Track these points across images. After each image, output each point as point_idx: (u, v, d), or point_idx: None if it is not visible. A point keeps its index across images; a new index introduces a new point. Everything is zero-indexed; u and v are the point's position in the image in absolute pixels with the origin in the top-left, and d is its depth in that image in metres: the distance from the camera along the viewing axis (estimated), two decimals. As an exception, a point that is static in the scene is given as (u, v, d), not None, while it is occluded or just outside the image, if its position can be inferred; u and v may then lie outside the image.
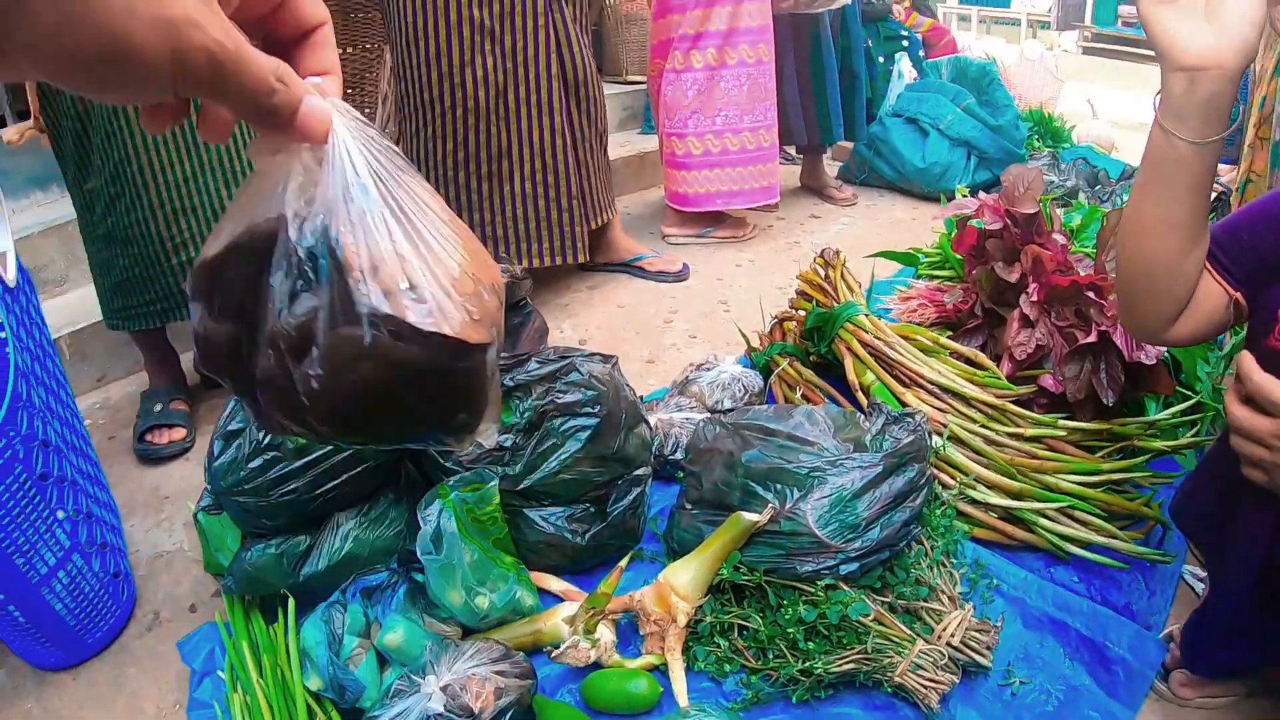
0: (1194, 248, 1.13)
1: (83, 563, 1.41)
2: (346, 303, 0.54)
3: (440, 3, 2.34)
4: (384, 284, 0.56)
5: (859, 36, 3.78)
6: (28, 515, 1.30)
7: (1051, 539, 1.50)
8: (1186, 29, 1.02)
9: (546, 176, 2.48)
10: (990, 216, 2.02)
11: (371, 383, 0.56)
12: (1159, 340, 1.21)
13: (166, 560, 1.71)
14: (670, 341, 2.34)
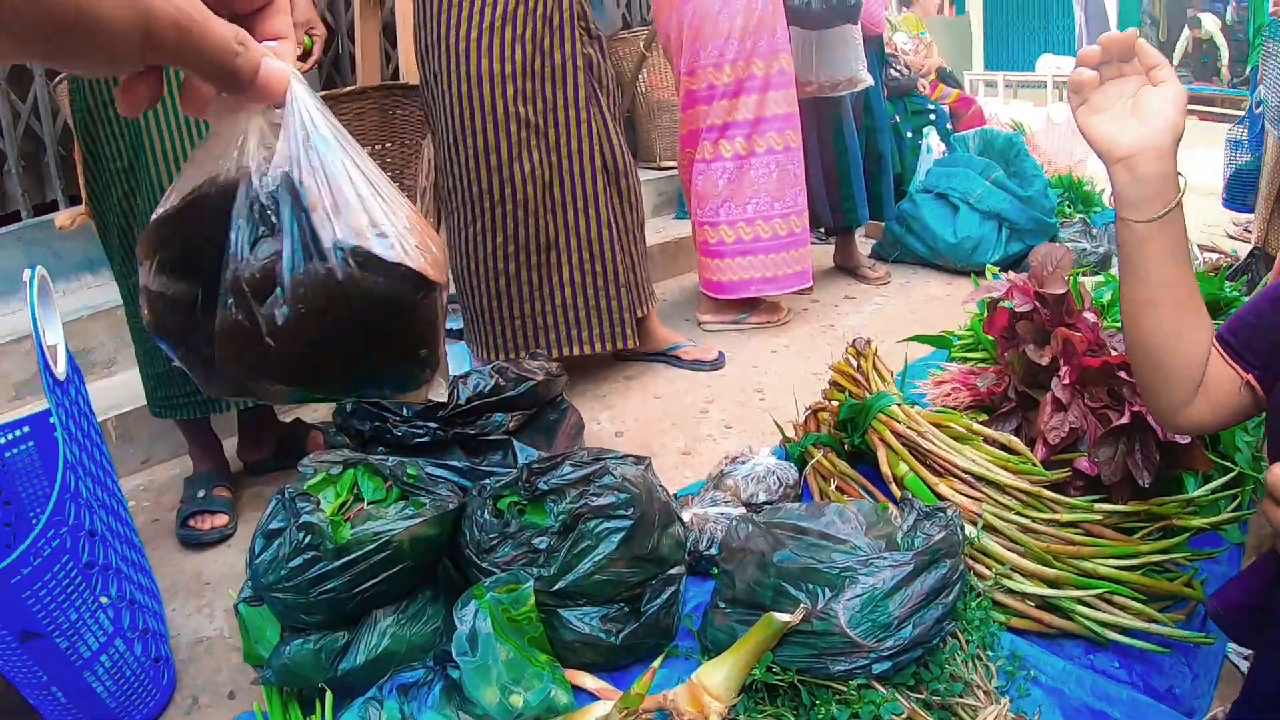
0: (1186, 324, 1.19)
1: (125, 647, 1.45)
2: (312, 240, 0.57)
3: (487, 101, 2.43)
4: (350, 222, 0.59)
5: (883, 115, 3.84)
6: (73, 601, 1.34)
7: (1090, 626, 1.49)
8: (1118, 127, 1.17)
9: (594, 265, 2.55)
10: (1020, 298, 2.04)
11: (337, 317, 0.58)
12: (1182, 427, 1.25)
13: (207, 646, 1.74)
14: (706, 432, 2.37)
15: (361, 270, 0.59)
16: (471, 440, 1.87)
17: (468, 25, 2.44)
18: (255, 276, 0.57)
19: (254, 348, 0.57)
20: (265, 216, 0.57)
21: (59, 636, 1.33)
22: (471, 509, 1.55)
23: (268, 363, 0.58)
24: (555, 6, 2.49)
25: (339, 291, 0.58)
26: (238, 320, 0.57)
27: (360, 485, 1.60)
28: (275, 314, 0.57)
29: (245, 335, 0.57)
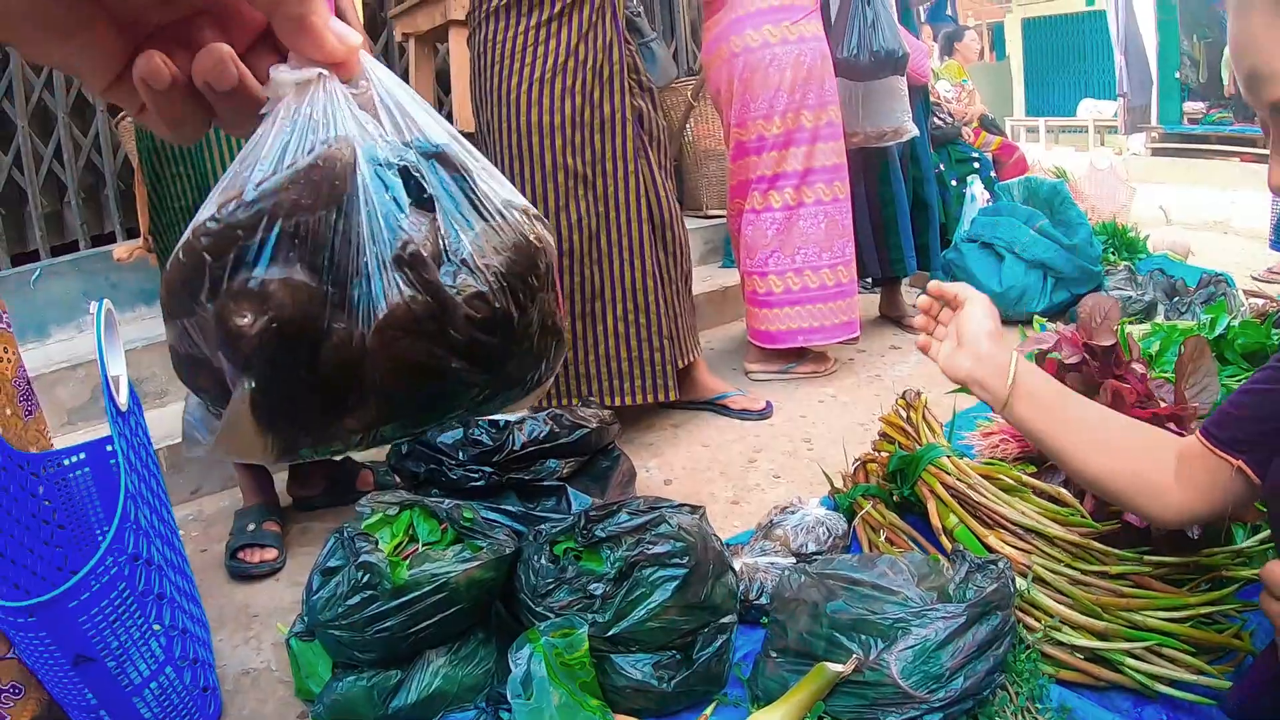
0: (1115, 450, 1.39)
1: (174, 675, 1.48)
2: (482, 201, 0.52)
3: (536, 151, 2.50)
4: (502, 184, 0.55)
5: (929, 165, 3.87)
6: (127, 627, 1.37)
7: (1139, 678, 1.48)
8: (953, 358, 1.50)
9: (638, 317, 2.58)
10: (1069, 350, 2.05)
11: (524, 284, 0.53)
12: (1176, 524, 1.42)
13: (253, 678, 1.77)
14: (754, 482, 2.38)
15: (534, 225, 0.55)
16: (525, 485, 1.91)
17: (519, 77, 2.51)
18: (425, 248, 0.49)
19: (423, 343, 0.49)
20: (410, 186, 0.50)
21: (111, 661, 1.36)
22: (528, 554, 1.58)
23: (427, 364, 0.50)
24: (605, 59, 2.55)
25: (526, 251, 0.53)
26: (413, 305, 0.48)
27: (416, 526, 1.64)
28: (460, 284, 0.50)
29: (418, 325, 0.48)
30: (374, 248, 0.47)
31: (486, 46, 2.56)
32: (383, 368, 0.48)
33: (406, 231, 0.48)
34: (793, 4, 3.00)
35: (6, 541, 1.44)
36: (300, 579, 2.02)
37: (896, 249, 3.64)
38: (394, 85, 0.53)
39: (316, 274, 0.46)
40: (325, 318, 0.46)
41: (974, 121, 6.01)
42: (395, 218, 0.48)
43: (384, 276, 0.47)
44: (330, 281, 0.47)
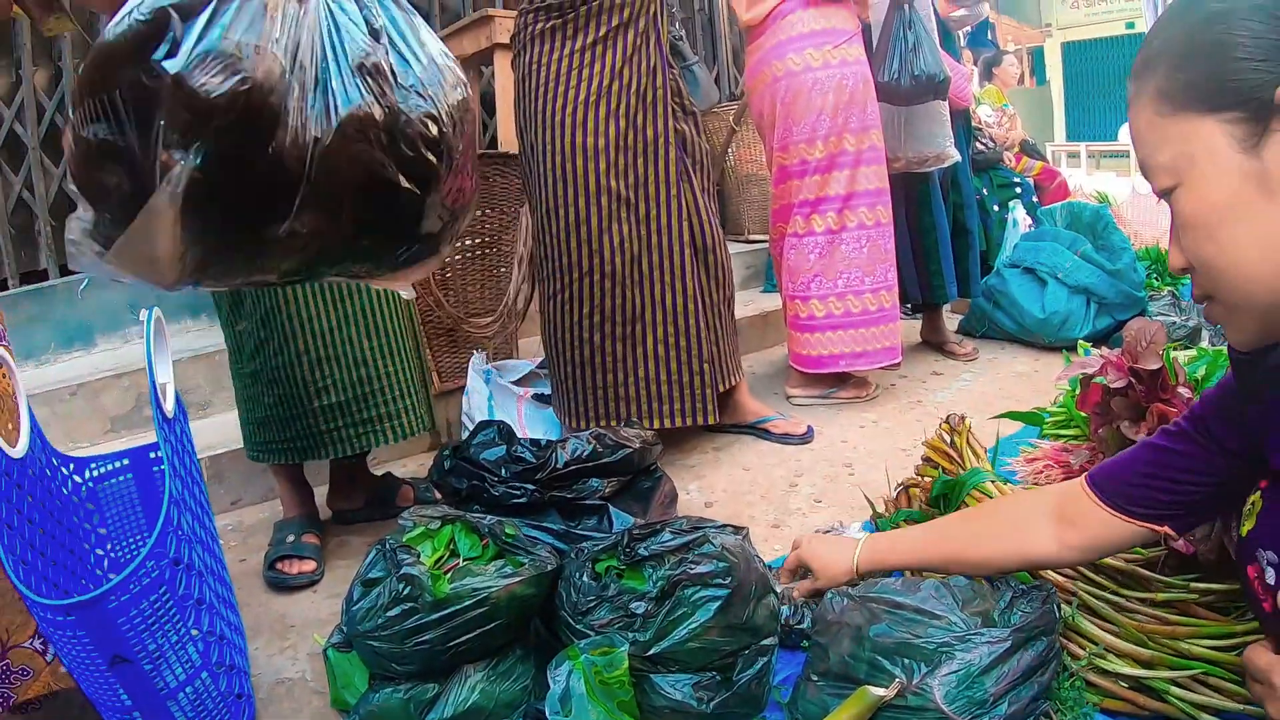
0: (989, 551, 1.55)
1: (210, 681, 1.49)
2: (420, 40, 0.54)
3: (579, 173, 2.52)
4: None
5: (970, 191, 3.85)
6: (165, 631, 1.38)
7: (1184, 707, 1.46)
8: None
9: (679, 340, 2.59)
10: (1114, 374, 2.04)
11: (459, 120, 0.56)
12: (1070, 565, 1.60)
13: (288, 687, 1.78)
14: (795, 506, 2.38)
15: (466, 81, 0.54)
16: (568, 504, 1.92)
17: (563, 100, 2.53)
18: (383, 63, 0.51)
19: (372, 153, 0.50)
20: (366, 15, 0.52)
21: (147, 663, 1.37)
22: (570, 571, 1.59)
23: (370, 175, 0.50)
24: (649, 83, 2.57)
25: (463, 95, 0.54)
26: (370, 108, 0.49)
27: (457, 541, 1.65)
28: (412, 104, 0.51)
29: (371, 135, 0.49)
30: (334, 55, 0.47)
31: (531, 69, 2.59)
32: (336, 168, 0.47)
33: (364, 46, 0.48)
34: (835, 28, 3.01)
35: (47, 541, 1.46)
36: (338, 592, 2.04)
37: (938, 275, 3.63)
38: None
39: (285, 55, 0.45)
40: (287, 106, 0.44)
41: (1015, 146, 5.99)
42: (354, 34, 0.48)
43: (345, 82, 0.47)
44: (291, 64, 0.45)
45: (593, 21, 2.54)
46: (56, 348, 3.58)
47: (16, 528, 1.35)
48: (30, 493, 1.42)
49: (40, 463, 1.50)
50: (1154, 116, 1.04)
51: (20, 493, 1.39)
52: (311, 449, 2.20)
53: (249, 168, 0.43)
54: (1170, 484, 1.36)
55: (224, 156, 0.42)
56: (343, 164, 0.46)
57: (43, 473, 1.50)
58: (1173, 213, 1.06)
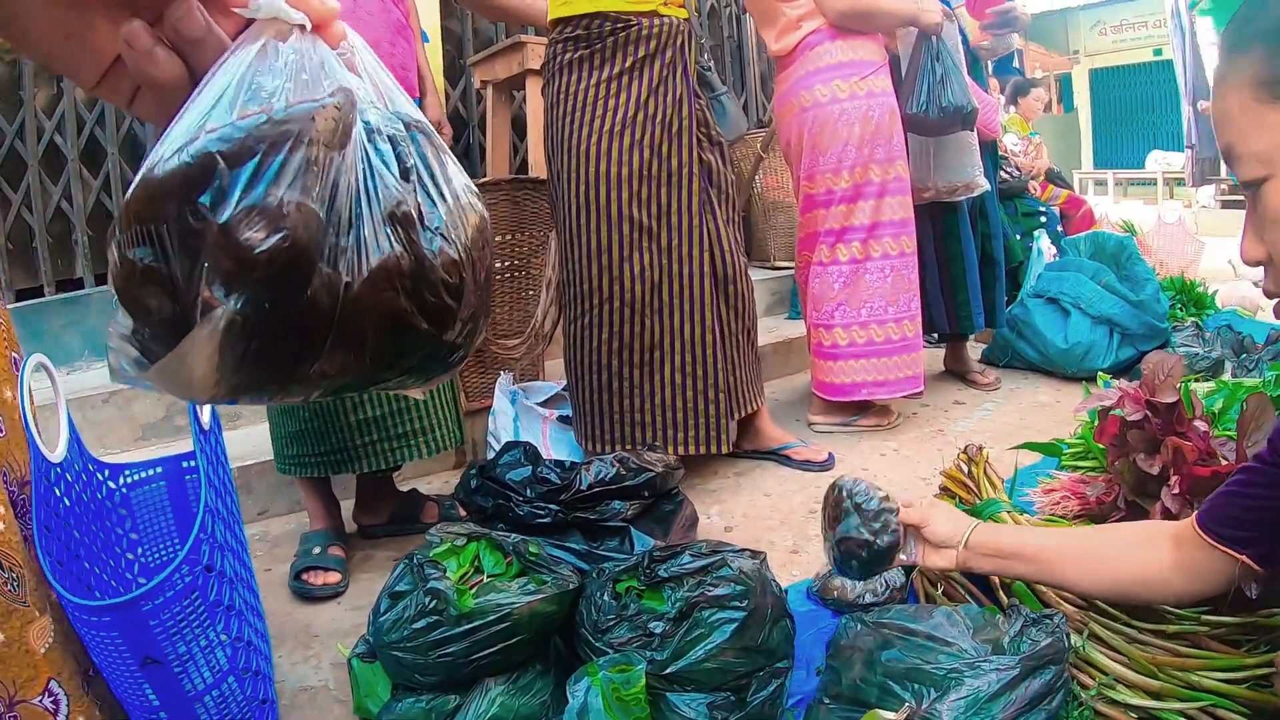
0: (1103, 573, 1.50)
1: (236, 685, 1.52)
2: (446, 182, 0.55)
3: (603, 202, 2.57)
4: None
5: (998, 222, 3.85)
6: (195, 635, 1.43)
7: (1194, 740, 1.49)
8: None
9: (696, 369, 2.63)
10: (1131, 406, 2.05)
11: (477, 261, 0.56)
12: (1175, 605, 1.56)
13: (310, 695, 1.82)
14: (815, 532, 2.39)
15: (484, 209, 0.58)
16: (590, 525, 1.96)
17: (589, 129, 2.58)
18: (414, 213, 0.52)
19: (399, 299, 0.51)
20: (399, 153, 0.53)
21: (177, 666, 1.41)
22: (591, 590, 1.63)
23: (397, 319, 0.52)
24: (675, 113, 2.62)
25: (484, 231, 0.57)
26: (401, 261, 0.51)
27: (482, 558, 1.69)
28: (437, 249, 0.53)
29: (400, 281, 0.51)
30: (367, 202, 0.49)
31: (559, 98, 2.65)
32: (364, 314, 0.49)
33: (396, 193, 0.50)
34: (862, 60, 3.05)
35: (81, 544, 1.51)
36: (361, 603, 2.09)
37: (964, 305, 3.64)
38: (373, 60, 0.55)
39: (323, 208, 0.47)
40: (323, 254, 0.47)
41: (1040, 175, 6.00)
42: (386, 179, 0.50)
43: (377, 230, 0.49)
44: (329, 217, 0.48)
45: (620, 52, 2.59)
46: (90, 355, 3.66)
47: (54, 530, 1.39)
48: (67, 496, 1.47)
49: (77, 468, 1.55)
50: (1250, 102, 0.99)
51: (58, 497, 1.43)
52: (345, 462, 2.25)
53: (283, 312, 0.47)
54: (1248, 500, 1.33)
55: (261, 302, 0.46)
56: (369, 311, 0.49)
57: (79, 477, 1.54)
58: (1258, 203, 1.02)
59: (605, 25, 2.59)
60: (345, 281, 0.48)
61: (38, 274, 3.88)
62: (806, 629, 1.83)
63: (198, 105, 0.48)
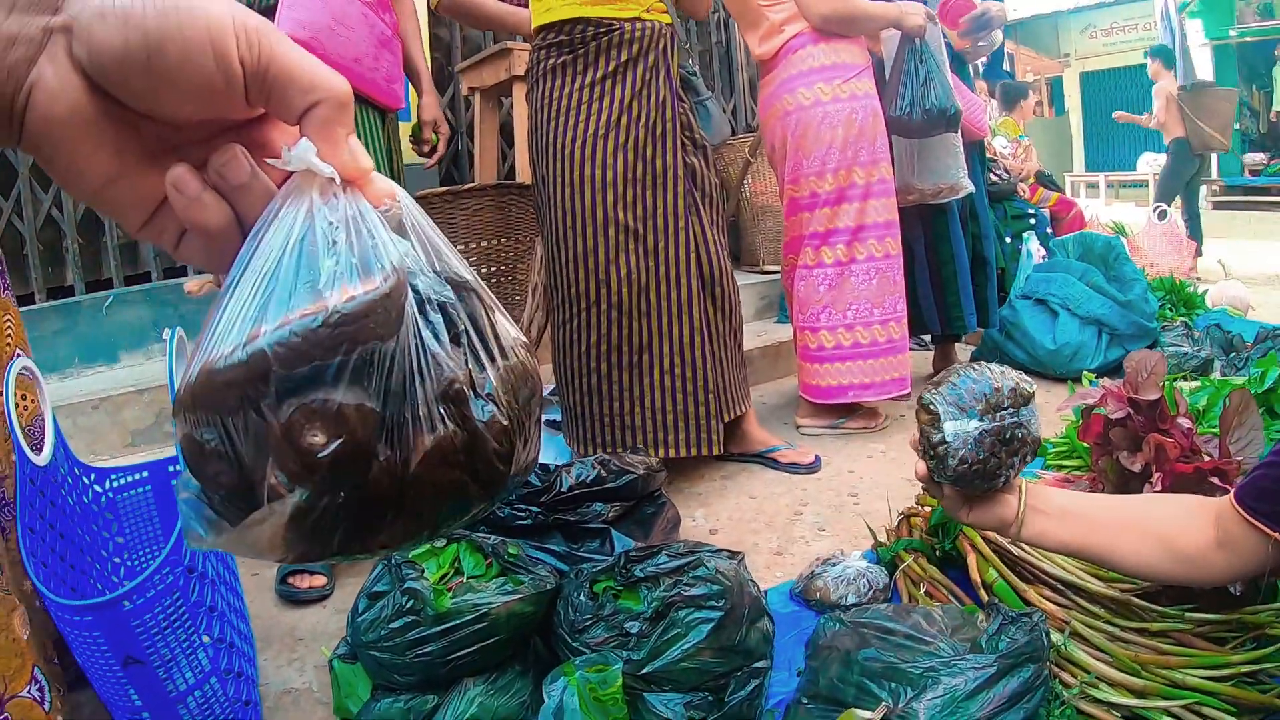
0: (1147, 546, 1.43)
1: (219, 686, 1.52)
2: (497, 339, 0.54)
3: (589, 205, 2.56)
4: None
5: (988, 222, 3.86)
6: (177, 635, 1.43)
7: (1178, 738, 1.48)
8: None
9: (685, 370, 2.62)
10: (1114, 404, 2.05)
11: (528, 410, 0.56)
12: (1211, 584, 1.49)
13: (294, 697, 1.82)
14: (799, 534, 2.40)
15: (533, 360, 0.58)
16: (571, 527, 1.96)
17: (574, 133, 2.58)
18: (466, 386, 0.52)
19: (454, 471, 0.52)
20: (449, 319, 0.52)
21: (159, 666, 1.41)
22: (568, 590, 1.63)
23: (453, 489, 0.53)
24: (659, 116, 2.62)
25: (533, 385, 0.57)
26: (455, 439, 0.51)
27: (462, 559, 1.69)
28: (489, 418, 0.52)
29: (454, 457, 0.51)
30: (421, 381, 0.49)
31: (543, 103, 2.65)
32: (421, 492, 0.50)
33: (449, 369, 0.50)
34: (845, 63, 3.06)
35: (67, 547, 1.51)
36: (346, 607, 2.07)
37: (956, 306, 3.64)
38: (420, 215, 0.54)
39: (379, 400, 0.48)
40: (379, 446, 0.49)
41: (1030, 177, 6.01)
42: (437, 354, 0.50)
43: (431, 409, 0.49)
44: (384, 409, 0.49)
45: (602, 56, 2.60)
46: (80, 362, 3.67)
47: (38, 532, 1.39)
48: (53, 500, 1.47)
49: (63, 472, 1.55)
50: None
51: (43, 499, 1.44)
52: None
53: (346, 499, 0.49)
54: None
55: (323, 494, 0.48)
56: (426, 487, 0.51)
57: (65, 481, 1.54)
58: None
59: (588, 30, 2.59)
60: (402, 463, 0.49)
61: (29, 281, 3.88)
62: (789, 630, 1.83)
63: (249, 277, 0.49)
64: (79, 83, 0.44)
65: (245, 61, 0.47)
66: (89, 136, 0.46)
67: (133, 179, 0.49)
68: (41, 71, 0.43)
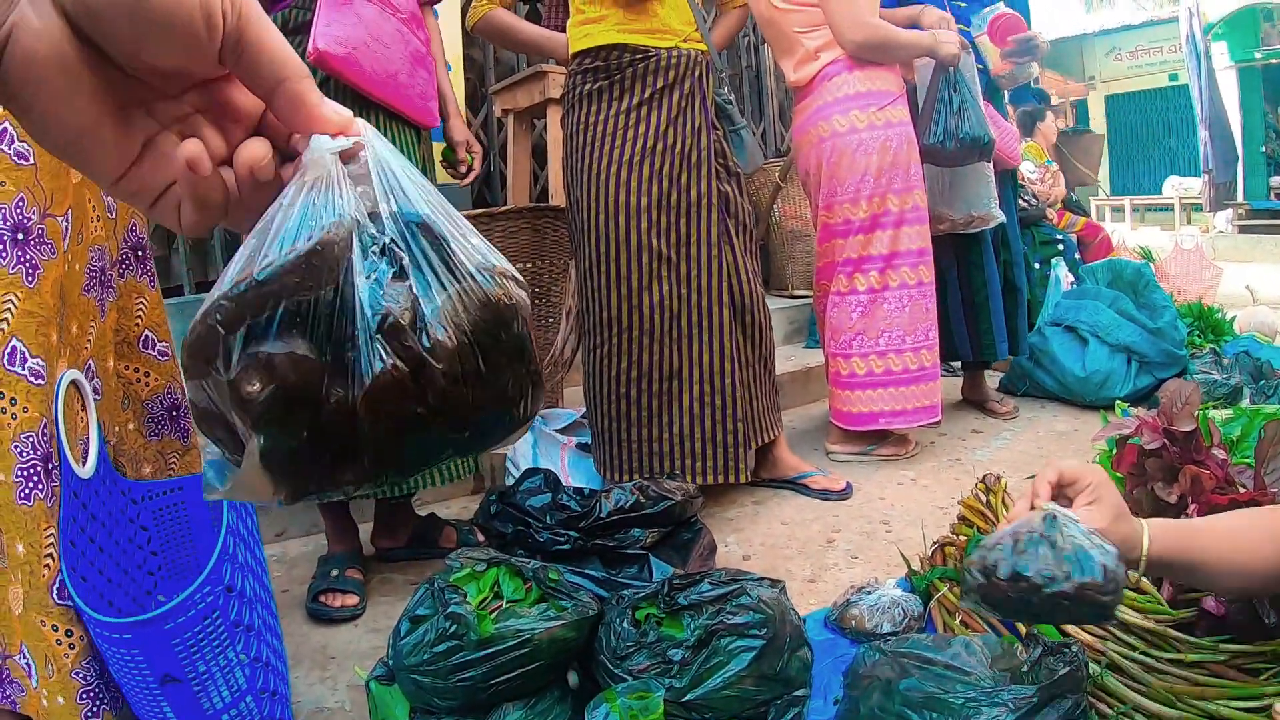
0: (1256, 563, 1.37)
1: (254, 705, 1.54)
2: (457, 266, 0.56)
3: (622, 231, 2.60)
4: (479, 248, 0.58)
5: (1019, 250, 3.86)
6: (215, 654, 1.45)
7: (1213, 769, 1.49)
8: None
9: (714, 398, 2.64)
10: (1149, 435, 2.05)
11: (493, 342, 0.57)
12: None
13: (327, 716, 1.83)
14: (832, 561, 2.41)
15: (507, 285, 0.58)
16: (610, 552, 1.97)
17: (608, 159, 2.62)
18: (404, 318, 0.53)
19: (407, 403, 0.54)
20: (393, 257, 0.55)
21: (196, 684, 1.42)
22: (610, 616, 1.64)
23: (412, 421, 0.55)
24: (693, 144, 2.65)
25: (495, 309, 0.57)
26: (395, 372, 0.53)
27: (501, 584, 1.71)
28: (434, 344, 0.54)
29: (401, 388, 0.53)
30: (362, 321, 0.53)
31: (578, 129, 2.68)
32: (372, 427, 0.53)
33: (385, 304, 0.53)
34: (880, 90, 3.08)
35: (105, 560, 1.53)
36: (378, 626, 2.11)
37: (988, 334, 3.64)
38: (389, 155, 0.57)
39: (316, 346, 0.52)
40: (324, 385, 0.52)
41: (1058, 203, 6.00)
42: (374, 293, 0.53)
43: (370, 347, 0.52)
44: (328, 352, 0.52)
45: (638, 83, 2.63)
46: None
47: (79, 546, 1.42)
48: (93, 513, 1.50)
49: (103, 484, 1.57)
50: None
51: (85, 513, 1.46)
52: None
53: (302, 439, 0.53)
54: None
55: (276, 436, 0.52)
56: (381, 421, 0.54)
57: (104, 494, 1.57)
58: None
59: (625, 57, 2.63)
60: (352, 401, 0.53)
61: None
62: (824, 658, 1.84)
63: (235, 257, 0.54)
64: (61, 25, 0.45)
65: (226, 17, 0.48)
66: (68, 81, 0.46)
67: (107, 131, 0.50)
68: (23, 11, 0.43)
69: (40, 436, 1.37)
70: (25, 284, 1.35)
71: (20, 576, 1.35)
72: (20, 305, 1.34)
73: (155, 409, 1.73)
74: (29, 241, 1.36)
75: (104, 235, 1.57)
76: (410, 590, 2.29)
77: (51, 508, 1.38)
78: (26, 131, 0.49)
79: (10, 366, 1.33)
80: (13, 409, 1.33)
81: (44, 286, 1.38)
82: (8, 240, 1.33)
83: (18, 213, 1.34)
